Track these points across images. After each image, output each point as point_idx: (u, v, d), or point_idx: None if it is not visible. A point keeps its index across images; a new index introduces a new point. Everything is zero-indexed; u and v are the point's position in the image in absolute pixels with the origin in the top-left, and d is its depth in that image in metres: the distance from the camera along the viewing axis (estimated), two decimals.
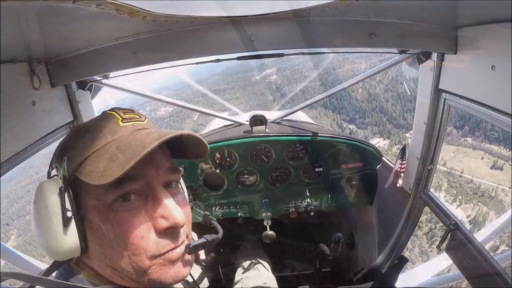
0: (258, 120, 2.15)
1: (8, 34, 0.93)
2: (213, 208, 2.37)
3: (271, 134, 2.16)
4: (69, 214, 0.69)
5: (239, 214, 2.40)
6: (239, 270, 2.18)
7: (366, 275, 2.40)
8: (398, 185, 2.01)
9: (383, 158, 2.27)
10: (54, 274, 0.78)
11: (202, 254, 1.37)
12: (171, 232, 0.72)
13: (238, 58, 1.55)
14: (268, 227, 2.19)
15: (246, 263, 2.15)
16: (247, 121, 2.27)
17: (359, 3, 1.15)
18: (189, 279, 1.17)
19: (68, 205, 0.69)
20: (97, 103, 1.81)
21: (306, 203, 2.38)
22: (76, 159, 0.71)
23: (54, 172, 0.76)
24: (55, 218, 0.69)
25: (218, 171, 2.19)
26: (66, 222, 0.69)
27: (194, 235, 1.27)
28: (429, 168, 1.77)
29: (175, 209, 0.72)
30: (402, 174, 1.96)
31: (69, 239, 0.69)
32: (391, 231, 2.12)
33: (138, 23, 1.15)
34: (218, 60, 1.56)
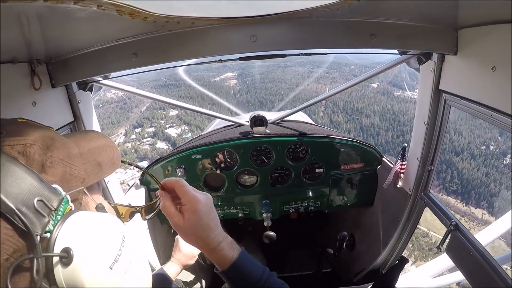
0: (258, 121, 2.15)
1: (9, 35, 0.93)
2: None
3: (271, 135, 2.15)
4: None
5: (239, 215, 2.40)
6: None
7: (367, 276, 2.39)
8: (398, 186, 2.00)
9: (383, 159, 2.27)
10: None
11: None
12: None
13: (241, 59, 1.56)
14: (268, 227, 2.19)
15: None
16: (248, 121, 2.27)
17: (360, 4, 1.15)
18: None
19: None
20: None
21: (306, 204, 2.38)
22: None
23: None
24: None
25: (218, 171, 2.19)
26: None
27: None
28: (429, 169, 1.77)
29: None
30: (403, 175, 1.96)
31: None
32: (392, 232, 2.11)
33: (138, 24, 1.15)
34: (220, 61, 1.56)
